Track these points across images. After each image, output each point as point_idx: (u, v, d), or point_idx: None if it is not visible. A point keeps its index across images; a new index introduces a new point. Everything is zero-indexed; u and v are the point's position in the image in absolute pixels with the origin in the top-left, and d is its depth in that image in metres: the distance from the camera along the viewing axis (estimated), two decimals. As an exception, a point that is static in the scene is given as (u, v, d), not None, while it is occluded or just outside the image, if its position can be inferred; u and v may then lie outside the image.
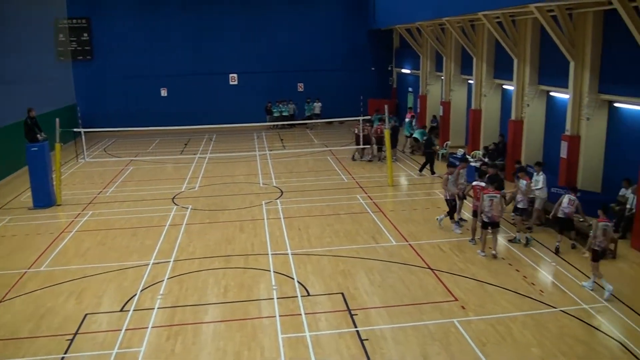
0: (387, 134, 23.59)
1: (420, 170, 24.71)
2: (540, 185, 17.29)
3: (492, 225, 15.35)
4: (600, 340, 11.10)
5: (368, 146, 27.39)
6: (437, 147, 26.18)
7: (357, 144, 26.94)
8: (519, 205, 16.39)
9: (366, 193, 21.69)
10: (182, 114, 37.95)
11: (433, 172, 24.48)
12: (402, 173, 25.08)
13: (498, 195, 15.21)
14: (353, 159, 27.86)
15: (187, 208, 20.25)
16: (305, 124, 38.84)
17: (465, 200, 18.15)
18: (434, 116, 33.36)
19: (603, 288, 12.98)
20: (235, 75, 39.40)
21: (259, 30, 38.97)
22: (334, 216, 18.89)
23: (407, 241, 16.39)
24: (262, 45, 39.11)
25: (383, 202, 20.59)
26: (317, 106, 39.27)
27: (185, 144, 33.86)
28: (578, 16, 18.75)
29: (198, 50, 38.71)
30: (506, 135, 24.16)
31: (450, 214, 17.25)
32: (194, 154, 30.36)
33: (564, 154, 19.59)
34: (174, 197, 21.73)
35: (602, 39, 18.41)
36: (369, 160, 27.62)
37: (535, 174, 17.55)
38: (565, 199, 15.81)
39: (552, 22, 18.81)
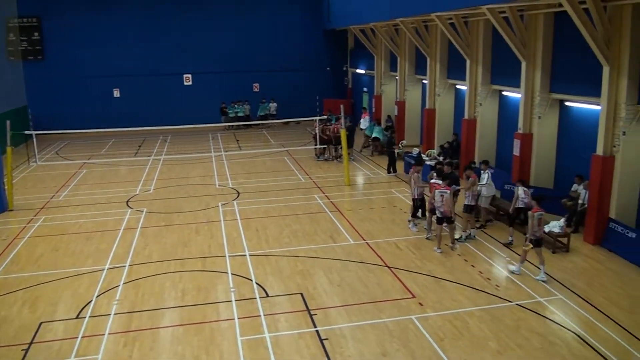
0: (343, 134, 23.66)
1: (388, 171, 24.79)
2: (484, 182, 17.53)
3: (447, 220, 15.58)
4: (556, 332, 11.35)
5: (325, 146, 27.45)
6: (399, 147, 26.37)
7: (317, 143, 27.00)
8: (465, 202, 16.64)
9: (324, 193, 21.72)
10: (136, 115, 37.36)
11: (391, 172, 24.66)
12: (358, 172, 25.19)
13: (448, 191, 15.47)
14: (318, 158, 27.98)
15: (142, 211, 19.95)
16: (261, 124, 38.72)
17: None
18: (389, 116, 33.60)
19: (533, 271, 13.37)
20: (189, 75, 38.96)
21: (213, 30, 38.58)
22: (292, 216, 18.86)
23: (365, 240, 16.47)
24: (217, 46, 38.73)
25: (340, 201, 20.65)
26: (273, 106, 39.17)
27: (140, 146, 33.36)
28: (529, 17, 19.11)
29: (151, 50, 38.11)
30: (460, 134, 24.51)
31: (414, 213, 17.31)
32: (149, 156, 29.94)
33: (516, 151, 19.95)
34: (128, 200, 21.38)
35: (552, 39, 18.81)
36: (326, 160, 27.68)
37: (482, 172, 17.84)
38: (520, 190, 16.23)
39: (504, 23, 19.13)
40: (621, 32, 14.99)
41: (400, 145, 27.36)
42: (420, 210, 17.27)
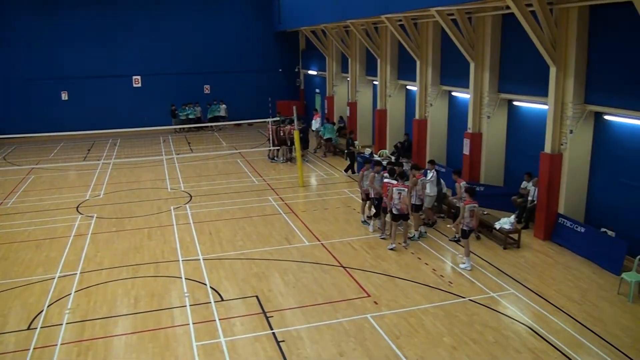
0: (296, 135, 23.64)
1: (346, 170, 24.87)
2: (427, 180, 17.61)
3: (402, 217, 15.77)
4: (509, 326, 11.56)
5: (278, 147, 27.37)
6: (355, 147, 26.46)
7: (271, 145, 26.91)
8: (412, 201, 16.78)
9: (278, 194, 21.66)
10: (85, 118, 36.55)
11: (346, 171, 24.76)
12: (312, 174, 25.20)
13: (406, 189, 15.61)
14: (272, 160, 27.89)
15: (92, 217, 19.53)
16: (213, 126, 38.38)
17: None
18: (341, 117, 33.74)
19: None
20: (138, 77, 38.29)
21: (163, 30, 37.93)
22: (245, 219, 18.74)
23: (320, 241, 16.48)
24: (167, 47, 38.11)
25: (295, 203, 20.62)
26: (223, 108, 38.90)
27: (89, 150, 32.65)
28: (477, 19, 19.43)
29: (100, 52, 37.20)
30: (411, 134, 24.74)
31: (377, 212, 17.38)
32: (98, 160, 29.33)
33: (466, 151, 20.28)
34: (78, 206, 20.90)
35: (500, 41, 19.19)
36: (280, 162, 27.63)
37: (428, 171, 17.99)
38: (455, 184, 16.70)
39: (453, 25, 19.40)
40: (567, 34, 15.37)
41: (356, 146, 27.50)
42: (375, 210, 17.36)
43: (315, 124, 31.33)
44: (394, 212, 15.74)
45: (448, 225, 16.26)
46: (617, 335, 11.20)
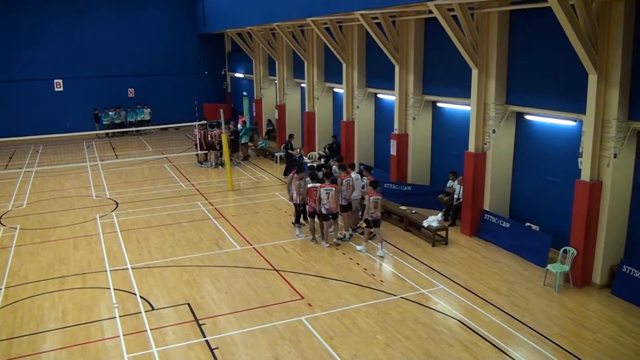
0: (224, 139, 23.43)
1: (285, 174, 24.75)
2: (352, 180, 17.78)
3: (332, 216, 15.97)
4: (440, 321, 11.84)
5: (206, 151, 27.07)
6: (296, 150, 26.40)
7: (199, 149, 26.56)
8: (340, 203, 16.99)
9: (207, 199, 21.43)
10: (4, 125, 35.03)
11: (286, 174, 24.69)
12: (242, 177, 25.07)
13: (333, 189, 15.80)
14: (201, 164, 27.55)
15: (16, 228, 18.76)
16: (138, 131, 37.58)
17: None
18: (269, 120, 33.69)
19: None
20: (60, 81, 37.02)
21: (84, 32, 36.68)
22: (175, 225, 18.47)
23: (251, 245, 16.41)
24: (89, 49, 36.84)
25: (225, 207, 20.47)
26: (147, 112, 38.21)
27: (10, 158, 31.36)
28: (401, 23, 19.74)
29: (17, 55, 35.66)
30: (339, 136, 24.97)
31: (297, 219, 17.34)
32: (20, 168, 28.19)
33: (393, 151, 20.61)
34: (0, 217, 20.10)
35: (423, 43, 19.61)
36: (210, 166, 27.36)
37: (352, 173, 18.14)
38: (355, 176, 17.08)
39: (377, 28, 19.66)
40: (488, 38, 15.85)
41: (282, 149, 27.48)
42: (302, 215, 17.37)
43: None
44: (324, 211, 15.87)
45: (361, 225, 16.82)
46: (545, 324, 11.64)
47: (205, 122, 28.39)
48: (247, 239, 16.96)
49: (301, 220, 17.30)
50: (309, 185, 16.20)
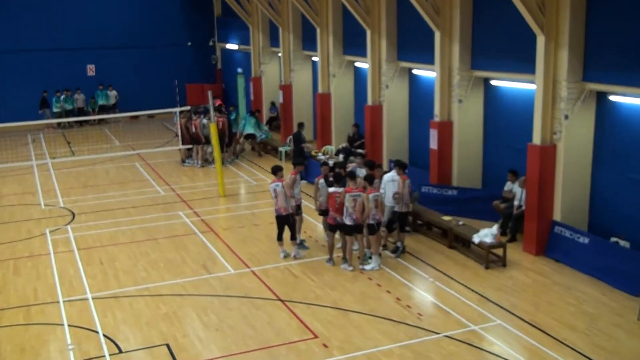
0: (213, 129, 23.43)
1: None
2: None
3: (356, 229, 15.96)
4: (495, 370, 11.78)
5: (191, 146, 27.14)
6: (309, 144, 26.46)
7: (181, 143, 26.61)
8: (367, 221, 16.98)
9: (191, 208, 21.48)
10: None
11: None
12: (237, 179, 25.16)
13: (362, 194, 15.69)
14: (184, 162, 27.78)
15: (-59, 245, 18.93)
16: (101, 120, 37.67)
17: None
18: (273, 103, 33.69)
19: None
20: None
21: (30, -4, 37.15)
22: (149, 242, 18.52)
23: (249, 267, 16.42)
24: (34, 14, 36.97)
25: (214, 218, 20.52)
26: (113, 95, 38.36)
27: None
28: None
29: None
30: (362, 125, 25.00)
31: (294, 233, 17.23)
32: (-53, 170, 28.43)
33: (433, 144, 20.58)
34: None
35: (472, 3, 19.53)
36: (193, 165, 27.51)
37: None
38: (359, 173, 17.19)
39: (411, -18, 19.76)
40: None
41: (288, 142, 27.48)
42: (291, 230, 17.22)
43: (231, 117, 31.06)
44: (348, 222, 15.79)
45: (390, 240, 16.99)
46: (637, 374, 11.55)
47: (188, 108, 28.41)
48: (244, 259, 16.96)
49: (296, 234, 17.33)
50: (330, 190, 16.13)
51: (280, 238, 17.01)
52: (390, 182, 17.02)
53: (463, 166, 20.43)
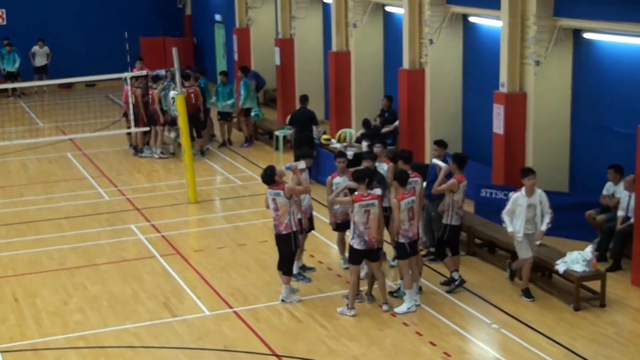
0: (179, 103, 23.26)
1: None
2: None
3: (370, 255, 15.84)
4: None
5: (148, 129, 27.08)
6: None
7: (137, 124, 26.51)
8: (446, 221, 16.84)
9: (148, 220, 21.58)
10: None
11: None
12: (214, 178, 25.45)
13: (376, 202, 15.55)
14: (138, 152, 27.94)
15: None
16: (16, 89, 37.77)
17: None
18: (254, 74, 33.54)
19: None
20: None
21: None
22: (87, 269, 18.59)
23: (231, 307, 16.49)
24: None
25: (182, 235, 20.67)
26: (41, 53, 38.60)
27: None
28: None
29: None
30: (397, 99, 25.01)
31: (290, 261, 17.16)
32: None
33: (498, 127, 20.69)
34: None
35: None
36: (151, 155, 27.59)
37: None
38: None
39: None
40: None
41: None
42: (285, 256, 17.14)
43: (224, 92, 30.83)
44: (357, 246, 15.71)
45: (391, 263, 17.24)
46: None
47: (144, 72, 28.37)
48: (224, 295, 17.01)
49: (301, 258, 17.38)
50: (356, 193, 15.98)
51: (280, 267, 16.91)
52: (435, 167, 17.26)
53: (542, 159, 20.41)
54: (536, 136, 20.33)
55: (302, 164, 16.83)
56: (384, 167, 17.46)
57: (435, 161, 17.49)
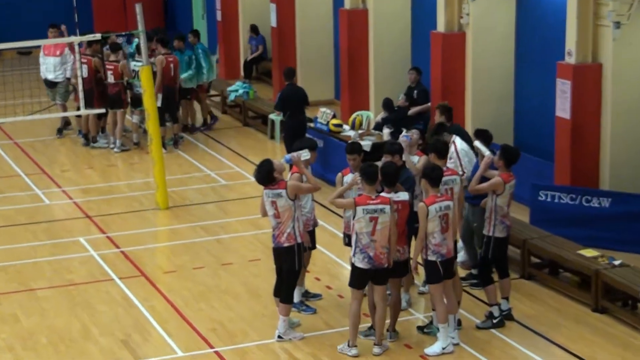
0: (144, 76, 23.17)
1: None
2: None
3: (377, 276, 15.73)
4: None
5: (104, 111, 27.03)
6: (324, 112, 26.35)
7: (89, 104, 26.48)
8: (487, 232, 16.64)
9: (103, 232, 21.60)
10: None
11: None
12: (192, 177, 25.45)
13: (387, 208, 15.39)
14: (89, 142, 28.01)
15: None
16: None
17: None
18: (253, 29, 33.52)
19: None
20: None
21: None
22: (18, 296, 18.59)
23: (212, 346, 16.40)
24: None
25: (147, 251, 20.67)
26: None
27: None
28: None
29: None
30: (427, 72, 25.05)
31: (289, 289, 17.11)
32: None
33: (563, 109, 20.62)
34: None
35: None
36: (105, 145, 27.47)
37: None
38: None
39: None
40: None
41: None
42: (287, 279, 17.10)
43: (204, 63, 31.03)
44: (359, 264, 15.60)
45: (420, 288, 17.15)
46: None
47: (98, 36, 28.33)
48: (202, 331, 16.93)
49: (303, 282, 17.36)
50: (388, 194, 15.90)
51: (278, 293, 16.80)
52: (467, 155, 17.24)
53: (622, 152, 20.42)
54: (615, 121, 20.26)
55: (305, 153, 16.63)
56: (414, 160, 17.34)
57: (477, 144, 17.22)
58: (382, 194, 15.54)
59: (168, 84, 24.77)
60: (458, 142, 17.50)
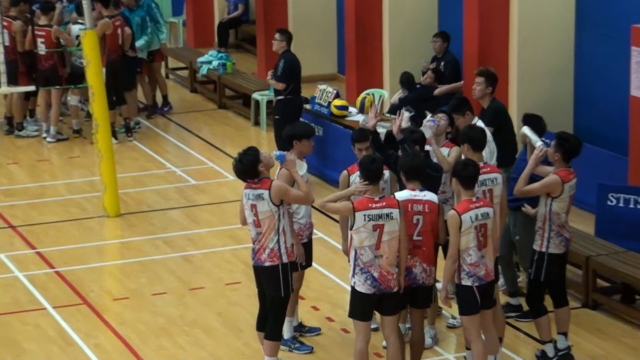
0: (89, 42, 23.08)
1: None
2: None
3: (383, 303, 15.61)
4: None
5: (33, 88, 26.99)
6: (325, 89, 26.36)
7: (13, 81, 26.46)
8: (537, 247, 16.53)
9: (32, 246, 21.56)
10: None
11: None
12: (151, 174, 25.40)
13: (395, 212, 15.25)
14: (11, 127, 28.10)
15: None
16: None
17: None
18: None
19: None
20: None
21: None
22: None
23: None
24: None
25: (92, 271, 20.61)
26: None
27: None
28: None
29: None
30: (458, 42, 25.02)
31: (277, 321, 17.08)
32: None
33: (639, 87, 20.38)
34: None
35: None
36: (57, 139, 27.39)
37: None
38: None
39: None
40: None
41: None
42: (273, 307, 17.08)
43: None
44: (360, 288, 15.45)
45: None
46: None
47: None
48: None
49: (296, 312, 17.36)
50: (400, 197, 15.81)
51: (262, 325, 16.77)
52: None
53: None
54: None
55: (291, 155, 16.47)
56: (444, 153, 17.32)
57: (526, 131, 17.13)
58: (405, 192, 15.48)
59: (112, 54, 24.69)
60: (483, 126, 17.27)
